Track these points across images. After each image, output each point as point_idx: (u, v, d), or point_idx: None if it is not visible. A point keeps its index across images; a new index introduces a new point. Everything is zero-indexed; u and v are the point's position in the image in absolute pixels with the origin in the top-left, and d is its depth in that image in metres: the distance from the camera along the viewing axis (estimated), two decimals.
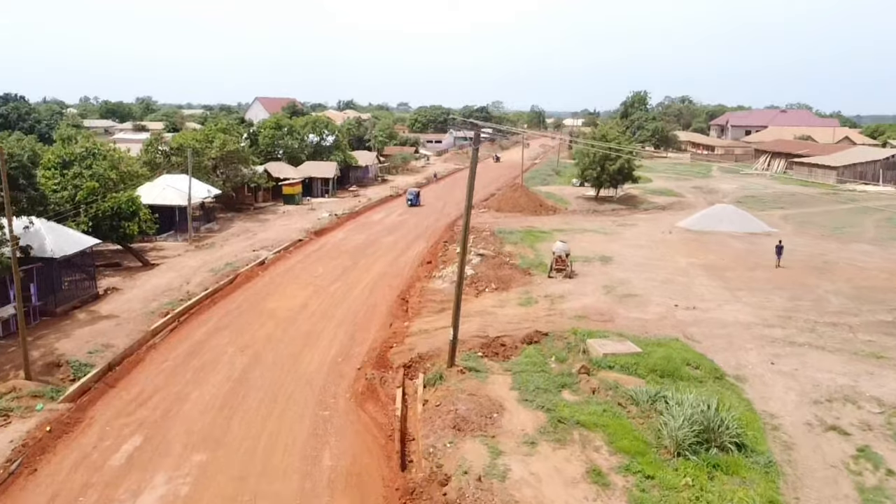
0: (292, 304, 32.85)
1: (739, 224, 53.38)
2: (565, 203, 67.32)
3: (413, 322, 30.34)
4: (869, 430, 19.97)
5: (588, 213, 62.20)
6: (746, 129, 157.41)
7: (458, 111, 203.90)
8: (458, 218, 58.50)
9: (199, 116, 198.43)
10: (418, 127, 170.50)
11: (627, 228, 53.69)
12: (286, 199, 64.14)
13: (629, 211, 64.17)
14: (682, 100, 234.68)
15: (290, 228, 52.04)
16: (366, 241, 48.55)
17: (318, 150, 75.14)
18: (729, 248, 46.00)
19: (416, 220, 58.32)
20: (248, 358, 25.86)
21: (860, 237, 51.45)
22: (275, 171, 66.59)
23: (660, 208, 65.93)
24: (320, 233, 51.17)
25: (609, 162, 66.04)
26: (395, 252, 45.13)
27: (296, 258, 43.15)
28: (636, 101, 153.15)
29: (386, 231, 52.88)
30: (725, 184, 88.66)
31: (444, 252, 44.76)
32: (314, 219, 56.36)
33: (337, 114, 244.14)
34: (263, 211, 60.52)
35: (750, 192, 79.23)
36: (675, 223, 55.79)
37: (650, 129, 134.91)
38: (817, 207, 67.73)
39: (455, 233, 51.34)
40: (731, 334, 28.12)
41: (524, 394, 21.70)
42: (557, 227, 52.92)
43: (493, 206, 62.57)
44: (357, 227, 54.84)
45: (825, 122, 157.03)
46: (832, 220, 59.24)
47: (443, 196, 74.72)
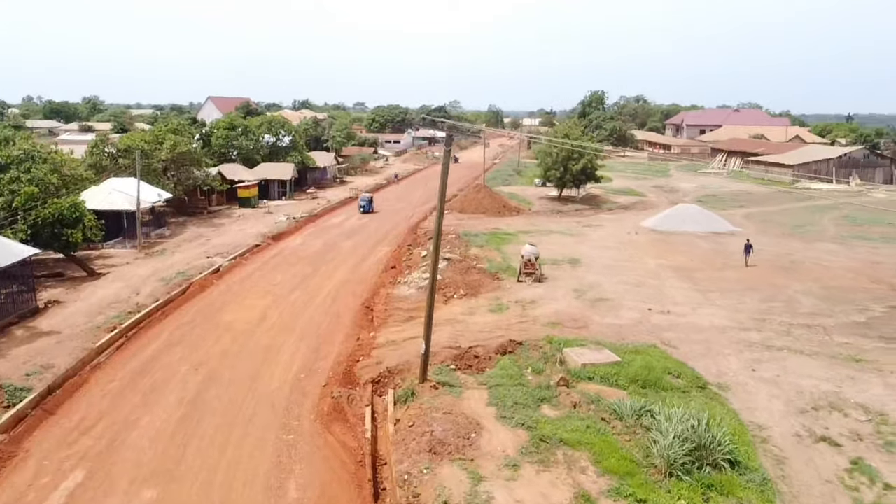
0: (250, 316, 30.97)
1: (704, 224, 53.21)
2: (529, 204, 66.49)
3: (380, 332, 28.82)
4: (860, 441, 19.26)
5: (552, 214, 61.44)
6: (701, 128, 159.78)
7: (415, 111, 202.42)
8: (421, 220, 57.14)
9: (148, 116, 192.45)
10: (376, 127, 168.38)
11: (593, 229, 53.03)
12: (241, 202, 61.79)
13: (593, 211, 63.66)
14: (637, 99, 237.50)
15: (246, 233, 49.87)
16: (326, 246, 46.74)
17: (274, 151, 72.82)
18: (696, 249, 45.63)
19: (378, 223, 56.69)
20: (202, 377, 23.99)
21: (822, 235, 51.76)
22: (229, 173, 64.13)
23: (623, 208, 65.62)
24: (278, 237, 49.15)
25: (572, 162, 65.47)
26: (357, 257, 43.47)
27: (253, 265, 41.14)
28: (594, 100, 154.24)
29: (346, 235, 51.12)
30: (684, 182, 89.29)
31: (408, 256, 43.29)
32: (271, 223, 54.25)
33: (293, 114, 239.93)
34: (218, 215, 58.10)
35: (709, 191, 79.74)
36: (640, 223, 55.37)
37: (608, 128, 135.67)
38: (776, 206, 68.35)
39: (418, 236, 49.95)
40: (709, 339, 27.37)
41: (502, 410, 20.42)
42: (523, 229, 51.94)
43: (456, 207, 61.29)
44: (316, 231, 52.93)
45: (776, 121, 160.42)
46: (792, 219, 59.69)
47: (404, 197, 73.22)
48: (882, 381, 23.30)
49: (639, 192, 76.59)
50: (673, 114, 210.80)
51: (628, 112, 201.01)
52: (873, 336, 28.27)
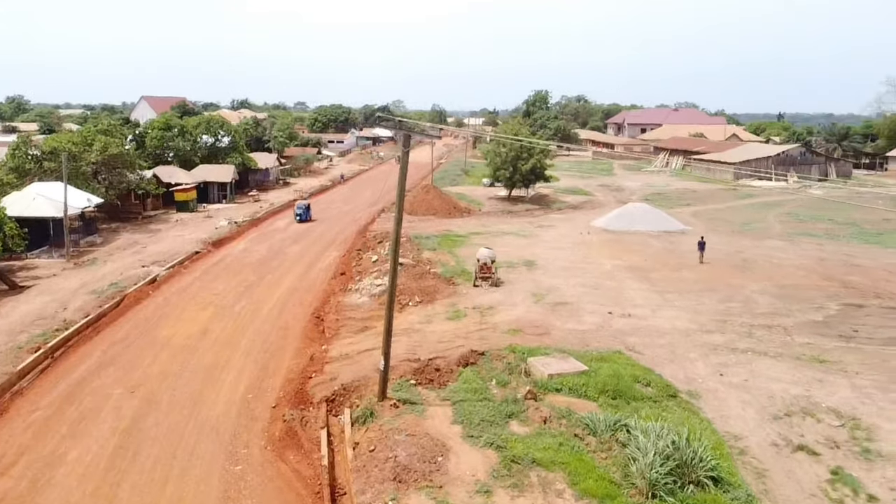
0: (191, 330, 28.83)
1: (655, 223, 53.20)
2: (479, 204, 65.53)
3: (332, 345, 27.14)
4: (837, 448, 18.73)
5: (503, 214, 60.59)
6: (642, 126, 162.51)
7: (358, 110, 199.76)
8: (370, 223, 55.45)
9: (77, 117, 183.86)
10: (318, 127, 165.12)
11: (545, 230, 52.35)
12: (179, 206, 58.79)
13: (543, 211, 63.12)
14: (579, 99, 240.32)
15: (184, 239, 47.19)
16: (271, 252, 44.57)
17: (212, 153, 69.75)
18: (649, 248, 45.37)
19: (325, 226, 54.70)
20: (139, 402, 21.88)
21: (769, 233, 52.39)
22: (165, 175, 60.97)
23: (572, 207, 65.33)
24: (219, 243, 46.67)
25: (521, 161, 64.83)
26: (304, 264, 41.51)
27: (193, 274, 38.72)
28: (538, 100, 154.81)
29: (292, 240, 49.00)
30: (630, 181, 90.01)
31: (358, 262, 41.59)
32: (211, 228, 51.62)
33: (231, 113, 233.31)
34: (154, 220, 55.03)
35: (655, 190, 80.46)
36: (592, 223, 55.03)
37: (553, 127, 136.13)
38: (721, 203, 69.27)
39: (368, 239, 48.25)
40: (673, 343, 26.73)
41: (469, 428, 19.14)
42: (474, 230, 50.86)
43: (405, 209, 59.35)
44: (260, 236, 50.58)
45: (713, 121, 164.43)
46: (738, 216, 60.42)
47: (351, 199, 71.28)
48: (849, 383, 22.99)
49: (586, 192, 76.62)
50: (613, 113, 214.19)
51: (570, 112, 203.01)
52: (832, 335, 28.17)
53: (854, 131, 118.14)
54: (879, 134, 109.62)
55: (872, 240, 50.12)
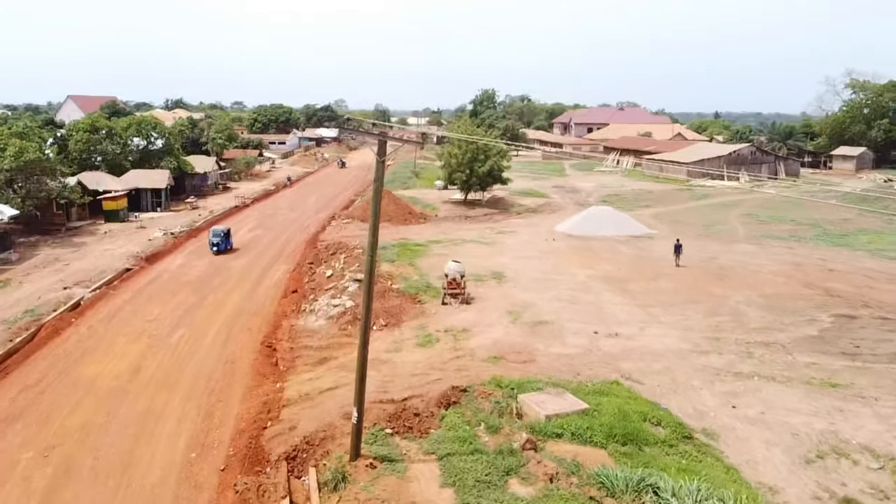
0: (120, 368, 24.77)
1: (620, 227, 51.11)
2: (434, 209, 62.36)
3: (287, 381, 23.55)
4: (886, 499, 16.34)
5: (461, 220, 57.59)
6: (588, 126, 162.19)
7: (299, 110, 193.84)
8: (320, 231, 51.66)
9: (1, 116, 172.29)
10: (258, 127, 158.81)
11: (508, 236, 49.58)
12: (108, 216, 53.64)
13: (502, 215, 60.42)
14: (522, 98, 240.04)
15: (114, 254, 42.50)
16: (213, 267, 40.38)
17: (145, 157, 64.50)
18: (620, 255, 43.09)
19: (272, 235, 50.61)
20: (53, 469, 17.91)
21: (735, 235, 50.96)
22: (92, 182, 55.67)
23: (531, 211, 62.86)
24: (153, 258, 42.16)
25: (477, 164, 61.99)
26: (251, 280, 37.57)
27: (123, 296, 34.31)
28: (485, 99, 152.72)
29: (236, 253, 44.81)
30: (583, 182, 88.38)
31: (310, 276, 37.89)
32: (144, 240, 46.93)
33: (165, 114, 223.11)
34: (79, 232, 49.85)
35: (611, 191, 78.91)
36: (555, 227, 52.60)
37: (501, 127, 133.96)
38: (679, 204, 68.00)
39: (319, 250, 44.45)
40: (671, 368, 24.16)
41: (463, 493, 15.97)
42: (434, 238, 47.68)
43: (356, 215, 56.12)
44: (199, 248, 46.14)
45: (658, 119, 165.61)
46: (700, 218, 59.03)
47: (298, 204, 67.10)
48: (871, 412, 20.81)
49: (542, 193, 74.39)
50: (558, 113, 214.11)
51: (515, 111, 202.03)
52: (834, 352, 26.16)
53: (796, 130, 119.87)
54: (821, 132, 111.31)
55: (839, 241, 49.17)
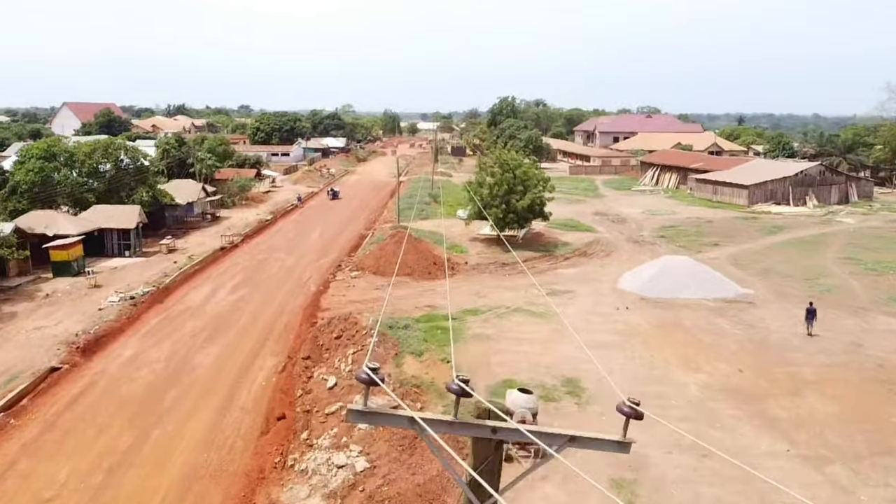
0: None
1: (705, 285, 39.81)
2: (462, 251, 51.19)
3: None
4: None
5: (497, 270, 46.33)
6: (614, 135, 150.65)
7: (306, 116, 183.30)
8: (322, 292, 40.55)
9: None
10: (261, 137, 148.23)
11: (564, 299, 38.36)
12: (56, 268, 42.73)
13: (547, 261, 49.13)
14: (538, 103, 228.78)
15: (44, 337, 31.56)
16: (172, 364, 29.33)
17: (114, 188, 53.58)
18: (725, 337, 31.79)
19: (259, 299, 39.54)
20: None
21: (854, 297, 39.45)
22: (39, 224, 44.80)
23: (581, 253, 51.56)
24: (95, 346, 31.11)
25: (515, 196, 50.85)
26: (219, 393, 26.49)
27: (22, 436, 23.17)
28: (504, 107, 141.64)
29: (211, 331, 33.75)
30: (625, 206, 77.07)
31: (304, 386, 26.70)
32: (94, 309, 35.98)
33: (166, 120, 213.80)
34: (13, 295, 38.93)
35: (661, 218, 67.66)
36: (620, 284, 41.42)
37: (523, 138, 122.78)
38: (753, 241, 56.50)
39: (319, 328, 33.13)
40: None
41: None
42: (469, 306, 36.51)
43: (367, 265, 45.00)
44: (163, 324, 35.06)
45: (689, 128, 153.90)
46: (790, 264, 47.55)
47: (297, 244, 55.89)
48: None
49: (586, 226, 63.07)
50: (576, 118, 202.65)
51: (530, 117, 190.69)
52: None
53: (855, 141, 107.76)
54: (886, 144, 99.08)
55: None
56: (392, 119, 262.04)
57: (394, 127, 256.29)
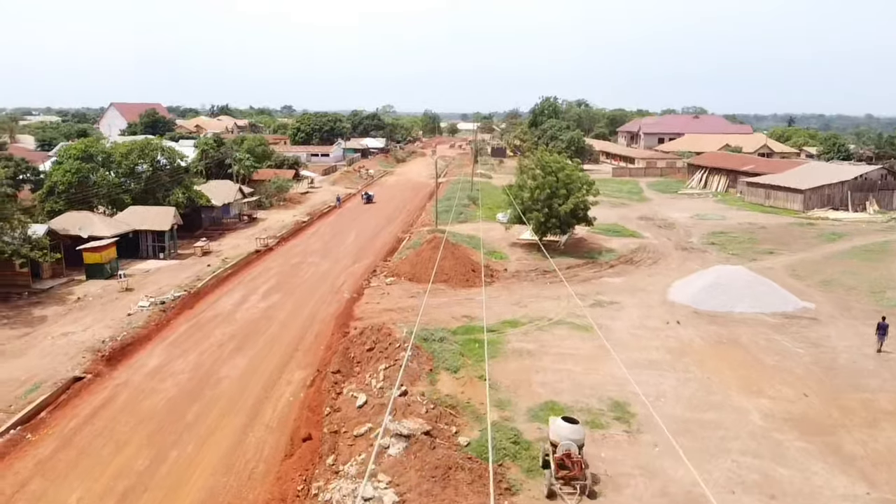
0: None
1: (763, 299, 37.14)
2: (501, 257, 49.24)
3: None
4: None
5: (538, 278, 44.28)
6: (660, 136, 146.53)
7: (346, 117, 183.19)
8: (356, 299, 39.09)
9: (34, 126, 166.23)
10: (301, 137, 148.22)
11: (609, 311, 36.18)
12: (89, 271, 42.22)
13: (590, 268, 46.87)
14: (579, 103, 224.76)
15: (70, 344, 30.73)
16: (198, 375, 28.12)
17: (150, 189, 53.11)
18: (788, 358, 29.23)
19: (291, 306, 38.24)
20: None
21: None
22: (74, 226, 44.37)
23: (627, 261, 49.14)
24: (120, 354, 30.10)
25: (557, 200, 48.68)
26: (244, 409, 25.11)
27: (36, 454, 22.09)
28: (546, 108, 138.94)
29: (239, 340, 32.47)
30: (673, 210, 74.06)
31: (333, 404, 25.08)
32: (123, 314, 35.13)
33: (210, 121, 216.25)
34: (46, 298, 38.43)
35: (711, 223, 64.63)
36: (669, 295, 39.03)
37: (565, 139, 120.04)
38: (811, 250, 53.20)
39: (351, 339, 31.56)
40: None
41: None
42: (509, 317, 34.62)
43: (403, 271, 43.40)
44: (192, 331, 33.93)
45: (738, 129, 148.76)
46: (854, 275, 44.33)
47: (333, 246, 54.67)
48: None
49: (632, 231, 60.45)
50: (619, 119, 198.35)
51: (572, 117, 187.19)
52: None
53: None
54: None
55: None
56: (432, 119, 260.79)
57: (434, 127, 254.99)
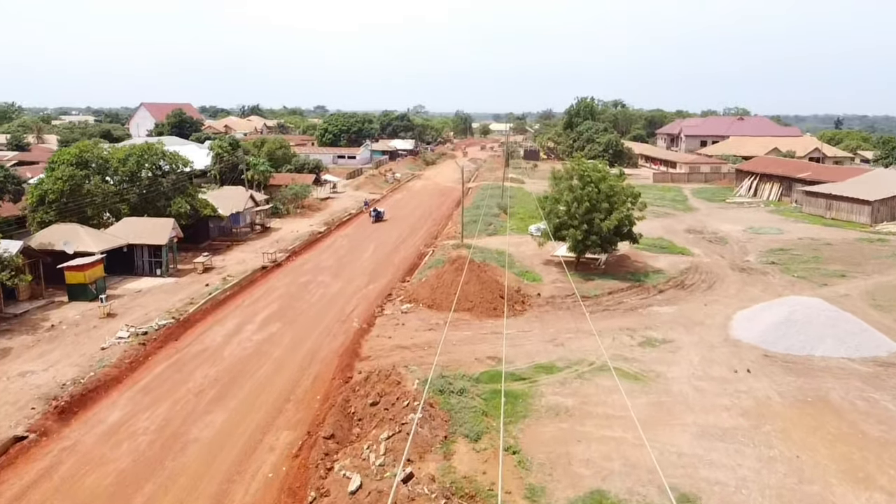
0: None
1: (848, 340, 30.99)
2: (534, 279, 43.66)
3: None
4: None
5: (576, 304, 38.61)
6: (702, 138, 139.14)
7: (376, 117, 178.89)
8: (365, 331, 33.91)
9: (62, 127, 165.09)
10: (329, 139, 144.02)
11: (662, 353, 30.40)
12: (72, 291, 37.78)
13: (636, 293, 41.03)
14: (616, 104, 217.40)
15: (23, 388, 26.08)
16: (162, 438, 23.15)
17: (150, 198, 48.64)
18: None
19: (290, 338, 33.21)
20: None
21: None
22: (58, 240, 40.03)
23: (677, 284, 43.16)
24: (76, 406, 25.21)
25: (598, 215, 42.95)
26: (211, 488, 20.05)
27: None
28: (582, 108, 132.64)
29: (224, 385, 27.52)
30: (722, 221, 67.68)
31: (320, 486, 19.88)
32: (97, 347, 30.46)
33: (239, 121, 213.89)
34: (17, 324, 33.95)
35: (770, 239, 58.12)
36: (733, 332, 33.14)
37: (602, 142, 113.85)
38: (887, 272, 46.54)
39: (354, 387, 26.42)
40: None
41: None
42: (542, 360, 29.11)
43: (422, 297, 38.11)
44: (169, 372, 28.97)
45: (787, 131, 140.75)
46: None
47: (346, 263, 49.58)
48: None
49: (681, 248, 54.31)
50: (658, 120, 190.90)
51: (608, 118, 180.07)
52: None
53: None
54: None
55: None
56: (463, 120, 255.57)
57: (465, 128, 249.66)
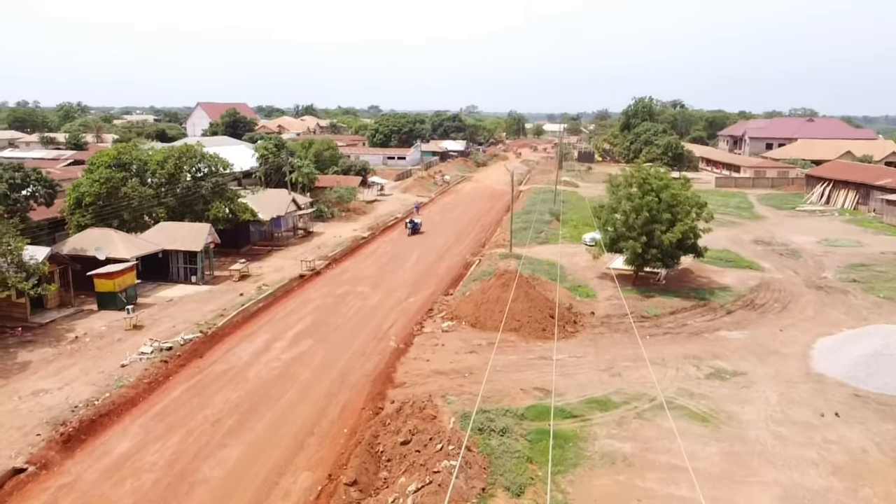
0: None
1: None
2: (588, 295, 40.30)
3: None
4: None
5: (632, 329, 35.13)
6: (767, 141, 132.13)
7: (429, 117, 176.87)
8: (402, 352, 31.26)
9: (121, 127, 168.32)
10: (379, 139, 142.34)
11: (735, 389, 26.81)
12: (101, 300, 36.32)
13: (701, 314, 37.26)
14: (675, 104, 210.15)
15: (33, 410, 24.33)
16: (169, 477, 20.94)
17: (188, 201, 47.17)
18: None
19: (321, 358, 30.84)
20: None
21: None
22: (91, 245, 38.68)
23: (746, 303, 39.17)
24: (84, 433, 23.28)
25: (659, 227, 39.33)
26: None
27: None
28: (640, 109, 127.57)
29: (244, 412, 25.26)
30: (796, 233, 62.61)
31: None
32: (115, 365, 28.64)
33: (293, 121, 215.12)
34: (41, 335, 32.54)
35: (849, 253, 53.16)
36: (813, 363, 29.26)
37: (661, 144, 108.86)
38: None
39: (384, 420, 23.79)
40: None
41: None
42: (596, 394, 25.93)
43: (465, 314, 35.26)
44: (188, 395, 26.86)
45: (860, 133, 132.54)
46: None
47: (388, 272, 47.05)
48: None
49: (748, 261, 50.00)
50: (720, 121, 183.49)
51: (666, 119, 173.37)
52: None
53: None
54: None
55: None
56: (516, 120, 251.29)
57: (518, 129, 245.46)
